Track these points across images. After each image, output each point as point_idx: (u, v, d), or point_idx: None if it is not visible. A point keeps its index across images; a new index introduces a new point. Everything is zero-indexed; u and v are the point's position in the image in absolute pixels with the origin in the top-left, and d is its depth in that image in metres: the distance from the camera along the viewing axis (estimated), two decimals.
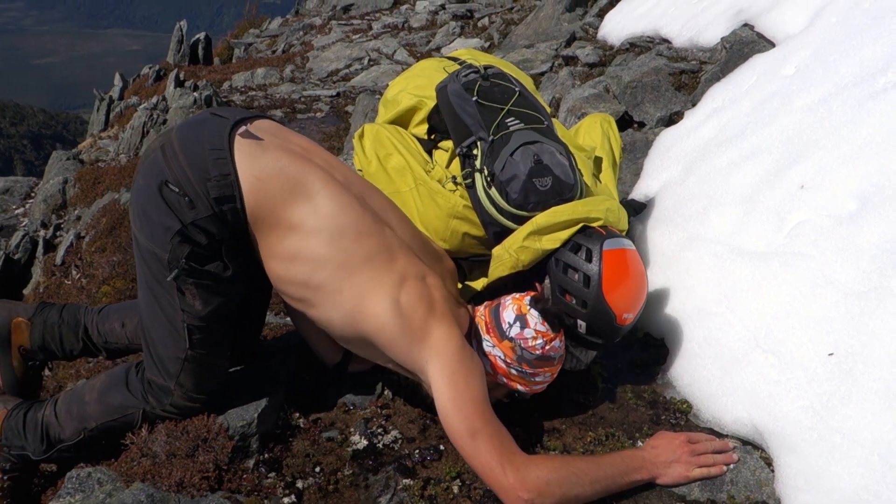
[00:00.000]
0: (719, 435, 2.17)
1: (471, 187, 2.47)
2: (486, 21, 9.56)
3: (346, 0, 13.89)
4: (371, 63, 8.76)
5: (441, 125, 2.66)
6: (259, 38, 13.33)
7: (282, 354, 2.56)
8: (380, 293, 2.01)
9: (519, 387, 2.19)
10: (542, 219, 2.33)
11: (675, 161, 3.37)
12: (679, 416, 2.32)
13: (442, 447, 2.23)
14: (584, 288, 2.25)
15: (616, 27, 5.90)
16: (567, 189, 2.39)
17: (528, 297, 2.18)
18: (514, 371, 2.15)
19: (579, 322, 2.28)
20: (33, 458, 2.20)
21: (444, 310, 2.08)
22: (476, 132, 2.46)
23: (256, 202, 1.98)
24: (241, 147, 2.01)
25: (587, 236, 2.32)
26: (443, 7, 10.91)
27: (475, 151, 2.46)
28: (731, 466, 2.02)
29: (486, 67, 2.62)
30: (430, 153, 2.71)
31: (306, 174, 2.03)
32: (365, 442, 2.24)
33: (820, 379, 2.02)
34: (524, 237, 2.33)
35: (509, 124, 2.44)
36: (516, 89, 2.55)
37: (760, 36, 3.96)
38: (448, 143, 2.65)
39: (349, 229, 2.02)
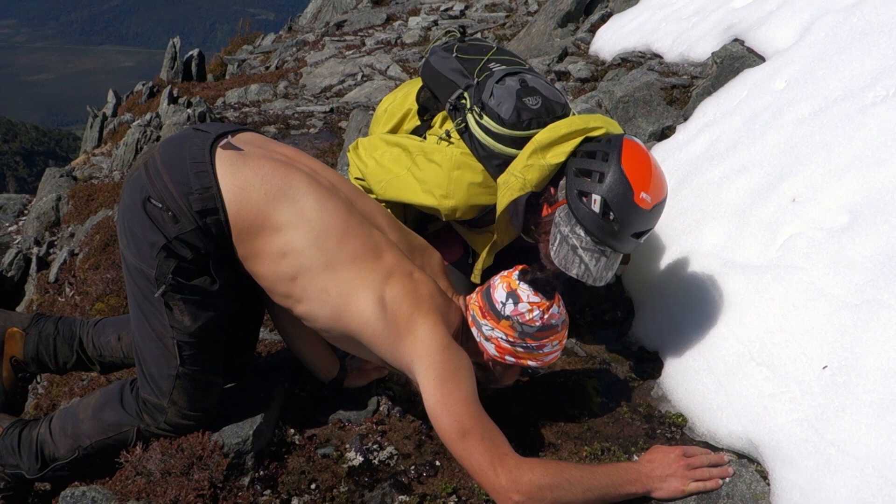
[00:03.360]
0: (714, 448, 2.17)
1: (465, 131, 2.48)
2: (478, 37, 9.60)
3: (340, 16, 13.95)
4: (364, 79, 8.78)
5: (430, 101, 2.71)
6: (252, 55, 13.36)
7: (276, 371, 2.55)
8: (365, 289, 2.02)
9: (530, 362, 2.19)
10: (541, 136, 2.33)
11: (667, 175, 3.37)
12: (674, 429, 2.32)
13: (438, 463, 2.22)
14: (602, 162, 2.23)
15: (608, 42, 5.93)
16: (559, 107, 2.41)
17: (516, 272, 2.18)
18: (519, 349, 2.15)
19: (594, 198, 2.22)
20: (28, 476, 2.19)
21: (431, 305, 2.08)
22: (461, 82, 2.53)
23: (239, 211, 1.98)
24: (222, 158, 2.02)
25: (602, 141, 2.31)
26: (435, 23, 10.97)
27: (464, 100, 2.51)
28: (727, 480, 2.02)
29: (462, 33, 2.70)
30: (423, 137, 2.73)
31: (290, 180, 2.03)
32: (360, 458, 2.23)
33: (814, 392, 2.02)
34: (528, 156, 2.32)
35: (492, 67, 2.51)
36: (494, 45, 2.65)
37: (751, 51, 3.99)
38: (439, 116, 2.68)
39: (334, 230, 2.03)
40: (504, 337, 2.15)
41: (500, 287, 2.17)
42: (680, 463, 2.02)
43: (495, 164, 2.45)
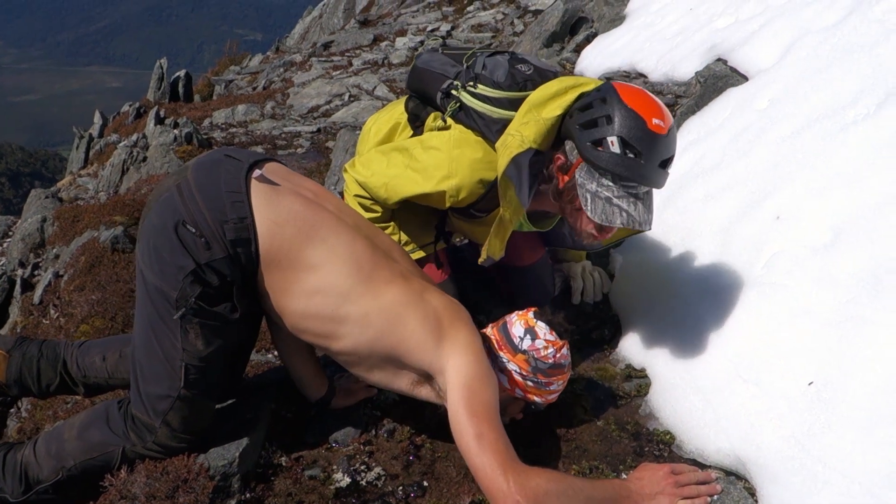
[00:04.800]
0: (702, 466, 2.17)
1: (459, 111, 2.49)
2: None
3: (327, 37, 14.02)
4: (352, 99, 8.81)
5: (419, 107, 2.71)
6: (239, 75, 13.39)
7: (263, 392, 2.54)
8: (407, 304, 2.10)
9: (535, 398, 2.25)
10: (534, 95, 2.33)
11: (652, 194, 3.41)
12: (662, 447, 2.32)
13: (426, 483, 2.21)
14: (603, 105, 2.18)
15: (593, 62, 5.99)
16: (551, 73, 2.43)
17: (532, 312, 2.26)
18: (530, 383, 2.21)
19: (609, 140, 2.16)
20: (11, 500, 2.16)
21: (468, 318, 2.17)
22: (450, 72, 2.55)
23: (272, 246, 2.04)
24: (257, 191, 2.07)
25: (593, 92, 2.27)
26: (422, 44, 11.03)
27: (454, 86, 2.52)
28: (715, 497, 2.02)
29: (445, 41, 2.76)
30: None
31: (319, 219, 2.11)
32: (348, 479, 2.22)
33: (800, 408, 2.03)
34: (525, 113, 2.31)
35: (478, 55, 2.55)
36: (477, 47, 2.69)
37: (734, 70, 4.04)
38: (431, 117, 2.68)
39: (365, 263, 2.11)
40: (518, 370, 2.21)
41: (517, 323, 2.25)
42: (668, 481, 2.03)
43: (495, 130, 2.41)
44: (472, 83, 2.45)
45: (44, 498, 2.18)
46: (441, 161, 2.48)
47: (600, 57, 5.95)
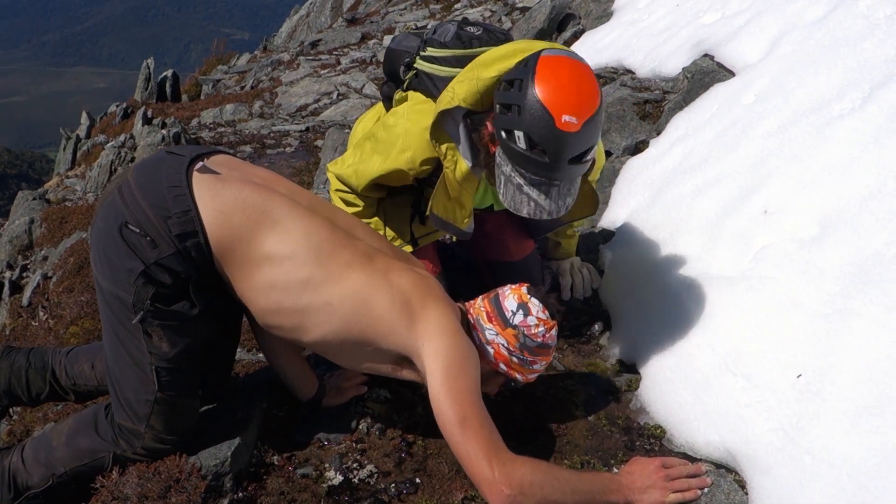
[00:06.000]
0: (693, 459, 2.19)
1: (415, 77, 2.51)
2: None
3: (314, 36, 13.98)
4: (340, 97, 8.80)
5: (390, 89, 2.72)
6: (227, 75, 13.33)
7: (254, 391, 2.53)
8: (370, 288, 2.04)
9: (517, 375, 2.22)
10: (482, 56, 2.28)
11: (641, 189, 3.43)
12: (653, 441, 2.33)
13: (418, 480, 2.22)
14: (517, 92, 2.08)
15: None
16: (500, 32, 2.44)
17: (525, 287, 2.24)
18: (515, 359, 2.19)
19: (517, 134, 2.08)
20: None
21: (440, 294, 2.12)
22: (413, 47, 2.57)
23: (221, 236, 1.98)
24: (199, 182, 2.01)
25: (518, 67, 2.15)
26: None
27: (413, 64, 2.54)
28: (706, 490, 2.04)
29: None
30: None
31: (270, 203, 2.04)
32: (340, 477, 2.22)
33: (789, 400, 2.05)
34: (467, 70, 2.28)
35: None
36: None
37: (720, 65, 4.06)
38: (397, 98, 2.70)
39: (324, 245, 2.04)
40: (505, 344, 2.18)
41: (510, 297, 2.22)
42: (659, 474, 2.03)
43: (444, 90, 2.36)
44: (422, 48, 2.47)
45: (33, 503, 2.17)
46: (396, 135, 2.46)
47: (588, 53, 5.95)
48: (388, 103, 2.77)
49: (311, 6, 18.59)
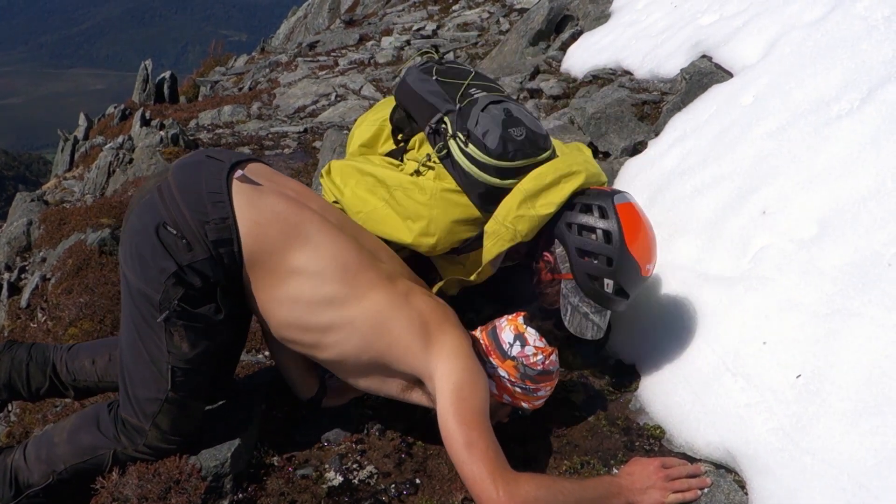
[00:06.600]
0: (692, 459, 2.19)
1: (446, 157, 2.48)
2: (451, 56, 9.68)
3: (312, 37, 13.99)
4: (338, 99, 8.81)
5: (405, 122, 2.70)
6: (225, 76, 13.34)
7: (254, 392, 2.53)
8: (392, 306, 2.08)
9: (523, 404, 2.25)
10: (529, 184, 2.36)
11: (640, 190, 3.42)
12: (653, 441, 2.34)
13: (418, 481, 2.22)
14: (606, 244, 2.31)
15: (578, 60, 6.00)
16: (542, 138, 2.44)
17: (521, 317, 2.25)
18: (518, 389, 2.21)
19: (606, 282, 2.33)
20: None
21: (456, 321, 2.16)
22: (442, 107, 2.51)
23: (255, 246, 2.02)
24: (239, 191, 2.05)
25: (593, 196, 2.37)
26: (408, 43, 11.03)
27: (444, 126, 2.49)
28: (706, 490, 2.04)
29: (439, 55, 2.71)
30: (401, 160, 2.72)
31: (303, 219, 2.09)
32: (340, 478, 2.22)
33: (788, 401, 2.05)
34: (518, 206, 2.34)
35: (473, 93, 2.51)
36: (472, 70, 2.65)
37: (718, 66, 4.06)
38: (416, 137, 2.67)
39: (351, 265, 2.09)
40: (507, 376, 2.20)
41: (507, 329, 2.24)
42: (659, 475, 2.04)
43: (478, 193, 2.44)
44: (463, 138, 2.42)
45: (34, 502, 2.17)
46: (421, 213, 2.47)
47: (586, 54, 5.96)
48: (398, 133, 2.75)
49: (308, 7, 18.61)
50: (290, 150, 6.75)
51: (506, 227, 2.35)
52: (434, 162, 2.51)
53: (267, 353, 2.89)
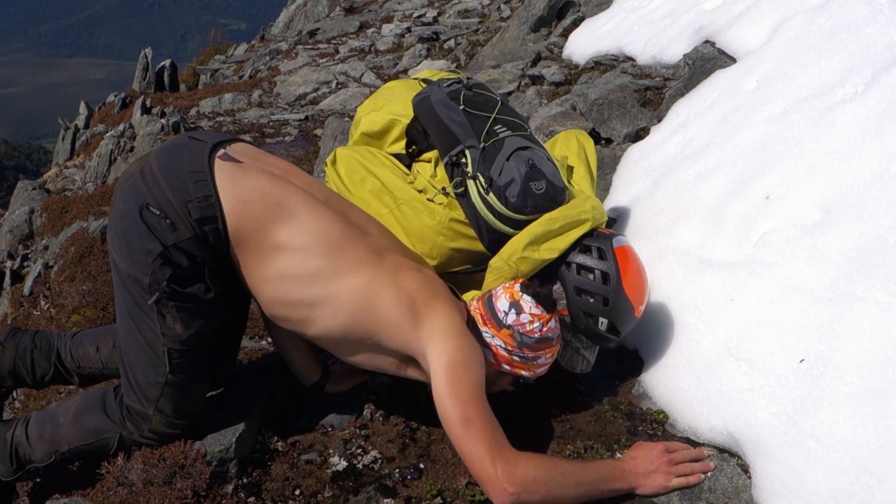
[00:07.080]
0: (696, 444, 2.20)
1: (463, 195, 2.48)
2: (451, 43, 9.62)
3: (312, 25, 13.93)
4: (339, 86, 8.78)
5: (420, 137, 2.68)
6: (225, 64, 13.29)
7: (258, 378, 2.54)
8: (378, 285, 2.07)
9: (523, 372, 2.23)
10: (537, 227, 2.38)
11: (643, 176, 3.42)
12: (656, 426, 2.34)
13: (422, 465, 2.22)
14: (603, 285, 2.37)
15: (580, 46, 5.98)
16: (559, 193, 2.45)
17: (518, 284, 2.23)
18: (516, 357, 2.19)
19: (600, 320, 2.38)
20: (2, 479, 2.16)
21: (446, 295, 2.15)
22: (465, 140, 2.49)
23: (239, 223, 2.01)
24: (221, 169, 2.03)
25: (594, 237, 2.43)
26: (409, 30, 10.98)
27: (464, 160, 2.48)
28: (709, 474, 2.05)
29: (467, 78, 2.69)
30: (409, 167, 2.71)
31: (287, 195, 2.07)
32: (344, 463, 2.23)
33: (792, 385, 2.05)
34: (524, 248, 2.36)
35: (498, 131, 2.50)
36: (498, 99, 2.62)
37: (721, 52, 4.05)
38: (429, 155, 2.67)
39: (336, 240, 2.07)
40: (503, 345, 2.18)
41: (502, 297, 2.21)
42: (662, 459, 2.04)
43: (490, 238, 2.48)
44: (485, 185, 2.42)
45: (34, 476, 2.18)
46: (427, 236, 2.54)
47: (588, 41, 5.94)
48: (411, 145, 2.73)
49: None
50: (292, 138, 6.74)
51: (509, 265, 2.38)
52: (450, 193, 2.53)
53: (269, 339, 2.90)
